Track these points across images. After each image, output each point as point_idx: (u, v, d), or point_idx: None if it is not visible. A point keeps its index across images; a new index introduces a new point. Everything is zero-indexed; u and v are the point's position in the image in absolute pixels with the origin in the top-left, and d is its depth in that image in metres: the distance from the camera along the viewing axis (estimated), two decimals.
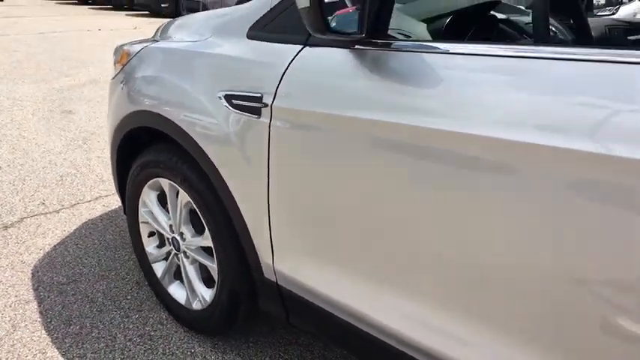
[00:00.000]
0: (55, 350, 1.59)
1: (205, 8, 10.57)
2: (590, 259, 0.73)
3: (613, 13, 2.19)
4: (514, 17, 1.50)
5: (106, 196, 2.65)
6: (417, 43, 1.04)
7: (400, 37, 1.12)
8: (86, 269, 2.01)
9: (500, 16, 1.46)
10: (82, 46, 7.69)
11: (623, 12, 6.68)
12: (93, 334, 1.66)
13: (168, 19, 1.81)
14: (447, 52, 0.95)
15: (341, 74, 1.03)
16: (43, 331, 1.66)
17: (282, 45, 1.14)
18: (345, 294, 1.13)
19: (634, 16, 6.96)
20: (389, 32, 1.07)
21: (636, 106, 0.69)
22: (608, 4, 2.20)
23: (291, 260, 1.23)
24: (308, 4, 0.88)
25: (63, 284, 1.91)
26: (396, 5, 1.45)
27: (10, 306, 1.78)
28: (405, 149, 0.92)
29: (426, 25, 1.23)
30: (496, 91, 0.83)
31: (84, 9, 14.34)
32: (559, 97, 0.76)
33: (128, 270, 2.01)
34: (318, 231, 1.15)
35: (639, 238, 0.68)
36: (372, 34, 0.98)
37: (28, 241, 2.19)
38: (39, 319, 1.72)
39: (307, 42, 1.09)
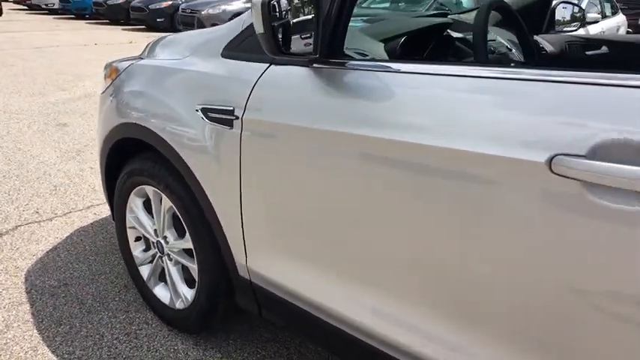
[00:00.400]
0: (46, 348, 1.69)
1: (200, 22, 10.76)
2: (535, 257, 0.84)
3: (577, 29, 2.33)
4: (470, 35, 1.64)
5: (98, 205, 2.76)
6: (370, 62, 1.17)
7: (357, 56, 1.25)
8: (77, 273, 2.11)
9: (455, 35, 1.59)
10: (78, 60, 7.83)
11: (606, 25, 6.87)
12: (82, 333, 1.76)
13: (157, 37, 1.94)
14: (398, 71, 1.07)
15: (301, 89, 1.15)
16: (35, 331, 1.76)
17: (252, 63, 1.27)
18: (310, 289, 1.25)
19: (617, 30, 7.15)
20: (346, 52, 1.20)
21: (563, 117, 0.80)
22: (572, 20, 2.34)
23: (262, 259, 1.35)
24: (262, 30, 1.01)
25: (54, 287, 2.01)
26: (358, 26, 1.59)
27: (4, 307, 1.88)
28: (355, 156, 1.04)
29: (383, 45, 1.36)
30: (438, 105, 0.95)
31: (81, 24, 14.54)
32: (491, 110, 0.88)
33: (117, 274, 2.12)
34: (284, 231, 1.26)
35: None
36: (327, 54, 1.10)
37: (21, 248, 2.30)
38: (31, 320, 1.82)
39: (273, 61, 1.22)
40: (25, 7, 18.02)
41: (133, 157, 1.72)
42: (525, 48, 1.53)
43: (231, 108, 1.27)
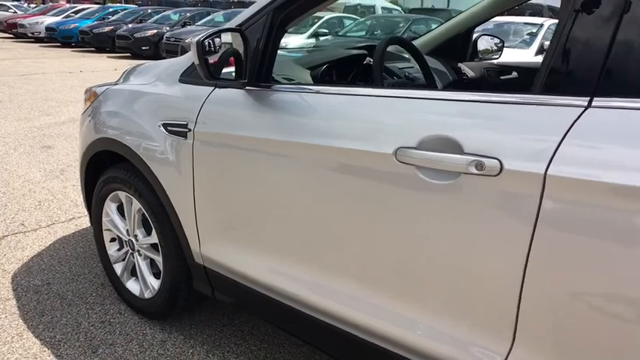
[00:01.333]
0: (30, 334, 1.94)
1: (184, 50, 11.17)
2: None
3: (497, 57, 2.71)
4: (390, 63, 1.99)
5: (79, 217, 3.02)
6: (293, 85, 1.49)
7: (284, 81, 1.58)
8: (59, 274, 2.37)
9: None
10: (64, 86, 8.12)
11: (531, 52, 7.38)
12: (62, 322, 2.01)
13: (133, 66, 2.25)
14: (318, 92, 1.39)
15: (236, 106, 1.47)
16: (20, 320, 2.02)
17: (201, 87, 1.59)
18: (251, 268, 1.54)
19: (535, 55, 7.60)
20: (275, 77, 1.52)
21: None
22: (493, 50, 2.72)
23: (212, 246, 1.64)
24: (198, 62, 1.33)
25: (38, 286, 2.27)
26: (294, 57, 1.92)
27: None
28: (278, 157, 1.35)
29: (309, 72, 1.70)
30: (337, 115, 1.27)
31: (67, 52, 14.87)
32: (365, 119, 1.20)
33: (95, 274, 2.38)
34: (229, 222, 1.56)
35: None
36: (257, 79, 1.43)
37: (8, 254, 2.55)
38: (17, 312, 2.07)
39: (217, 85, 1.54)
40: (12, 36, 18.31)
41: (108, 167, 2.02)
42: (425, 72, 1.88)
43: (185, 122, 1.58)
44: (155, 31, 13.38)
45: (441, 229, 1.07)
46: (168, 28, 13.69)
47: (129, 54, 13.92)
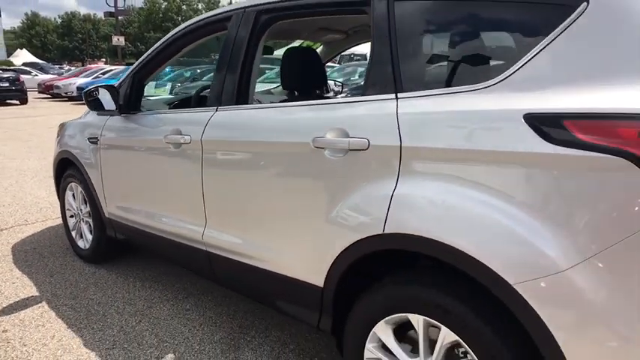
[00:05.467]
0: (19, 272, 3.20)
1: None
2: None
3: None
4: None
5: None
6: (152, 111, 2.77)
7: (147, 109, 2.86)
8: (41, 244, 3.65)
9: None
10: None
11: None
12: (37, 265, 3.27)
13: None
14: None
15: (118, 124, 2.75)
16: (16, 268, 3.28)
17: (104, 116, 2.89)
18: (135, 216, 2.76)
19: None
20: (142, 109, 2.81)
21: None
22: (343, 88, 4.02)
23: (112, 206, 2.89)
24: (86, 103, 2.64)
25: (28, 250, 3.55)
26: (162, 98, 3.26)
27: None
28: (141, 149, 2.62)
29: (168, 106, 3.00)
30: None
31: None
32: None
33: (63, 242, 3.65)
34: (119, 190, 2.81)
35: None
36: (127, 108, 2.71)
37: (14, 235, 3.86)
38: (14, 262, 3.34)
39: (112, 114, 2.83)
40: (49, 96, 20.64)
41: (67, 168, 3.33)
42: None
43: (97, 136, 2.88)
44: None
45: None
46: (179, 84, 15.53)
47: None
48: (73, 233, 3.42)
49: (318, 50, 3.33)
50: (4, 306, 2.72)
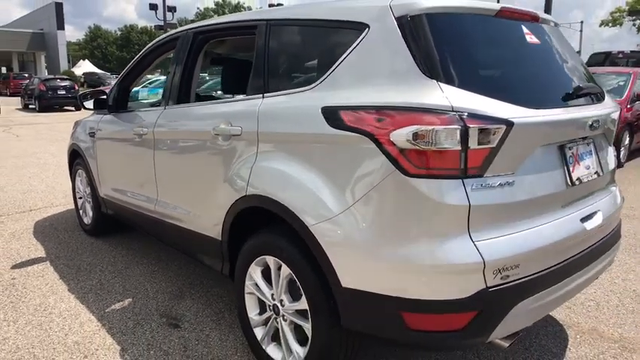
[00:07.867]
0: (18, 245, 3.95)
1: None
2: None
3: None
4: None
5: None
6: (134, 110, 3.44)
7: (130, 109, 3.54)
8: (49, 223, 4.42)
9: None
10: None
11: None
12: (36, 240, 4.02)
13: None
14: (138, 111, 3.32)
15: (110, 120, 3.44)
16: (15, 239, 4.05)
17: (101, 115, 3.59)
18: (122, 195, 3.42)
19: None
20: (129, 107, 3.49)
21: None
22: None
23: (105, 187, 3.58)
24: (80, 103, 3.34)
25: (34, 228, 4.31)
26: (145, 100, 3.95)
27: (3, 238, 4.20)
28: (126, 141, 3.29)
29: (148, 104, 3.67)
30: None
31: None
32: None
33: (72, 224, 4.39)
34: (109, 175, 3.50)
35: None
36: (115, 108, 3.40)
37: (40, 216, 4.65)
38: (17, 234, 4.11)
39: (105, 113, 3.53)
40: None
41: (76, 158, 4.08)
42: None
43: (94, 131, 3.59)
44: None
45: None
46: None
47: None
48: (80, 212, 4.16)
49: None
50: (17, 262, 3.46)
